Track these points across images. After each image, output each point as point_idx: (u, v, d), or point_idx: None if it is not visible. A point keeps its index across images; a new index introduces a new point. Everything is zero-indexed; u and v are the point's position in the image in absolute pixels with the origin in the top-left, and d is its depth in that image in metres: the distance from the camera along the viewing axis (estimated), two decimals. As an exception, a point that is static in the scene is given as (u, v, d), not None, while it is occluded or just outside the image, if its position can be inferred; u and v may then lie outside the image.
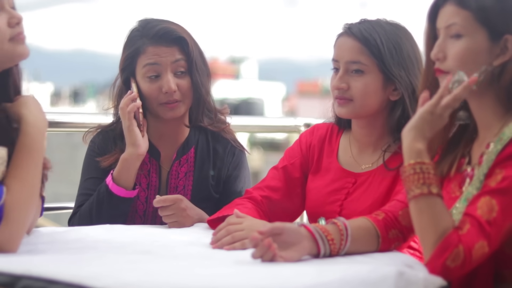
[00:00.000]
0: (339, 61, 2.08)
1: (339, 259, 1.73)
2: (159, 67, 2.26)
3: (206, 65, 2.34)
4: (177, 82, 2.26)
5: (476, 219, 1.53)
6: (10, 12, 1.76)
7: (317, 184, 2.18)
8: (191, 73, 2.27)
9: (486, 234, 1.52)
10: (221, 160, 2.38)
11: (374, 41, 2.04)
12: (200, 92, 2.28)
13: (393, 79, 2.04)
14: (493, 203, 1.53)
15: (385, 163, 2.08)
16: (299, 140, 2.28)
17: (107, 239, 1.90)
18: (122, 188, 2.24)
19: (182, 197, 2.19)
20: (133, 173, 2.26)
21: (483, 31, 1.63)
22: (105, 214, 2.24)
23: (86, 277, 1.37)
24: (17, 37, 1.76)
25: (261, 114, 24.69)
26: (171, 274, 1.46)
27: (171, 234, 2.04)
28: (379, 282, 1.43)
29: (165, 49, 2.26)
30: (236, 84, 35.66)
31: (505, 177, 1.54)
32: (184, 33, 2.28)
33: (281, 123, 3.57)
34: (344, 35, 2.09)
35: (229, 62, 42.86)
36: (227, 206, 2.16)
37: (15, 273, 1.40)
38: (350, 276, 1.45)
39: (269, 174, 2.25)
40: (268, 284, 1.42)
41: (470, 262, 1.52)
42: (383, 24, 2.08)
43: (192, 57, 2.26)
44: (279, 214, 2.16)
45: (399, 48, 2.05)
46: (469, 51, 1.63)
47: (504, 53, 1.62)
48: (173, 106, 2.27)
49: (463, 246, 1.51)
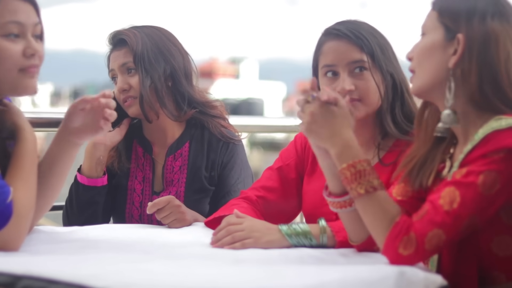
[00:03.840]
0: (338, 65, 2.05)
1: (339, 259, 1.73)
2: (114, 71, 2.40)
3: (166, 60, 2.38)
4: (128, 81, 2.37)
5: (435, 208, 1.53)
6: (29, 42, 1.73)
7: (313, 186, 2.18)
8: (137, 71, 2.36)
9: (443, 223, 1.52)
10: (215, 152, 2.42)
11: (365, 39, 2.04)
12: (142, 88, 2.34)
13: (386, 75, 2.05)
14: (456, 194, 1.53)
15: (381, 160, 2.08)
16: (294, 141, 2.27)
17: (107, 239, 1.91)
18: (85, 176, 2.36)
19: (173, 197, 2.21)
20: (93, 162, 2.36)
21: (441, 30, 1.64)
22: (75, 205, 2.37)
23: (86, 277, 1.37)
24: (28, 69, 1.74)
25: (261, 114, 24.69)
26: (171, 274, 1.46)
27: (171, 234, 2.05)
28: (380, 282, 1.43)
29: (116, 52, 2.41)
30: (236, 84, 35.69)
31: (470, 172, 1.53)
32: (129, 34, 2.37)
33: (281, 123, 3.57)
34: (333, 38, 2.06)
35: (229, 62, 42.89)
36: (223, 207, 2.16)
37: (15, 273, 1.40)
38: (350, 276, 1.45)
39: (264, 174, 2.25)
40: (268, 284, 1.42)
41: (424, 250, 1.52)
42: (363, 24, 2.09)
43: (136, 55, 2.35)
44: (274, 214, 2.15)
45: (383, 45, 2.07)
46: (426, 48, 1.66)
47: (455, 53, 1.61)
48: (129, 104, 2.38)
49: (415, 234, 1.52)
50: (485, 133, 1.55)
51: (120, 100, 2.38)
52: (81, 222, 2.26)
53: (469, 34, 1.60)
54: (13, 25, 1.71)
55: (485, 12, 1.61)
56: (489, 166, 1.52)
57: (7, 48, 1.70)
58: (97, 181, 2.37)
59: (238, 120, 2.92)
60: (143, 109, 2.36)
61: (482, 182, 1.52)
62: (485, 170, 1.52)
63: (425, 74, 1.66)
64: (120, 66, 2.38)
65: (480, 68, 1.60)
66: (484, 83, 1.60)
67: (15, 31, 1.71)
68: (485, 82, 1.60)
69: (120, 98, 2.38)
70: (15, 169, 1.71)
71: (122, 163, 2.43)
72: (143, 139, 2.47)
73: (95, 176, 2.36)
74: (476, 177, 1.53)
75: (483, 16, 1.61)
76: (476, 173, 1.53)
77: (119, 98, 2.38)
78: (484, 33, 1.60)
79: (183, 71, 2.40)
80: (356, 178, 1.60)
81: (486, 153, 1.53)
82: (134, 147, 2.47)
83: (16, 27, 1.71)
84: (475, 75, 1.60)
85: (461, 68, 1.61)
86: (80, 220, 2.31)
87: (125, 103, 2.38)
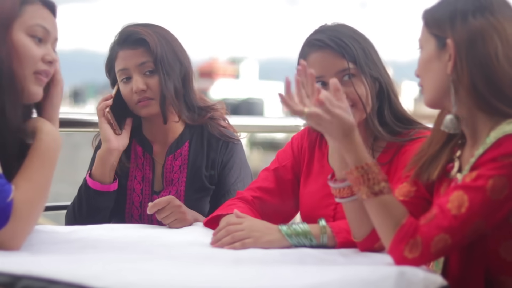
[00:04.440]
0: (326, 75, 2.02)
1: (339, 259, 1.73)
2: (128, 71, 2.35)
3: (181, 61, 2.38)
4: (146, 81, 2.34)
5: (443, 212, 1.53)
6: (49, 50, 1.81)
7: (310, 189, 2.18)
8: (157, 72, 2.33)
9: (450, 227, 1.52)
10: (215, 152, 2.42)
11: (347, 46, 2.03)
12: (164, 90, 2.32)
13: (372, 79, 2.05)
14: (465, 199, 1.52)
15: (376, 161, 2.08)
16: (290, 143, 2.27)
17: (108, 239, 1.91)
18: (97, 182, 2.34)
19: (173, 197, 2.21)
20: (108, 168, 2.35)
21: (432, 40, 1.65)
22: (85, 209, 2.35)
23: (86, 277, 1.37)
24: (39, 75, 1.80)
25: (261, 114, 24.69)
26: (171, 274, 1.45)
27: (171, 234, 2.04)
28: (380, 282, 1.43)
29: (131, 51, 2.35)
30: (236, 84, 35.69)
31: (480, 176, 1.53)
32: (148, 33, 2.34)
33: (281, 123, 3.57)
34: (317, 50, 2.04)
35: (229, 62, 42.89)
36: (221, 207, 2.16)
37: (15, 273, 1.40)
38: (350, 276, 1.45)
39: (260, 175, 2.25)
40: (268, 284, 1.42)
41: (429, 254, 1.52)
42: (343, 28, 2.08)
43: (157, 56, 2.32)
44: (270, 215, 2.15)
45: (365, 48, 2.06)
46: (423, 61, 1.67)
47: (450, 59, 1.61)
48: (145, 104, 2.35)
49: (421, 237, 1.52)
50: (497, 137, 1.55)
51: (131, 100, 2.35)
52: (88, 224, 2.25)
53: (456, 37, 1.60)
54: (40, 29, 1.79)
55: (466, 12, 1.61)
56: (499, 171, 1.51)
57: (31, 47, 1.77)
58: (110, 186, 2.36)
59: (238, 120, 2.92)
60: (164, 110, 2.34)
61: (491, 187, 1.51)
62: (494, 175, 1.51)
63: (430, 86, 1.66)
64: (137, 65, 2.34)
65: (471, 68, 1.59)
66: (477, 83, 1.59)
67: (40, 35, 1.79)
68: (478, 82, 1.58)
69: (132, 98, 2.35)
70: (22, 169, 1.72)
71: (122, 163, 2.42)
72: (143, 138, 2.46)
73: (108, 182, 2.36)
74: (485, 181, 1.52)
75: (465, 16, 1.60)
76: (486, 177, 1.52)
77: (131, 98, 2.35)
78: (469, 33, 1.59)
79: (191, 73, 2.41)
80: (364, 181, 1.61)
81: (496, 157, 1.53)
82: (133, 146, 2.46)
83: (42, 31, 1.79)
84: (467, 77, 1.59)
85: (456, 72, 1.61)
86: (88, 223, 2.30)
87: (140, 103, 2.34)
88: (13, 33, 1.75)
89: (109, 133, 2.35)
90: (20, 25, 1.77)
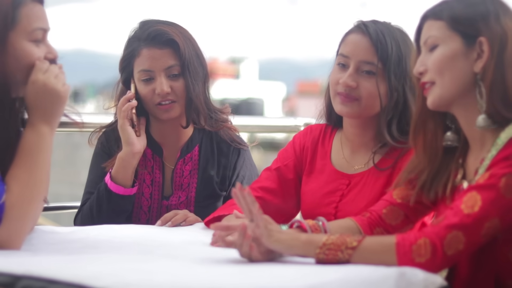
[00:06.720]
0: (350, 58, 2.04)
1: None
2: (152, 73, 2.28)
3: (203, 65, 2.35)
4: (171, 84, 2.28)
5: (455, 212, 1.53)
6: (50, 47, 1.81)
7: (312, 187, 2.18)
8: (184, 76, 2.28)
9: (462, 225, 1.51)
10: (226, 158, 2.39)
11: (387, 46, 2.02)
12: (191, 94, 2.28)
13: (392, 88, 2.03)
14: (478, 198, 1.52)
15: (376, 165, 2.08)
16: (292, 142, 2.27)
17: (108, 239, 1.91)
18: (120, 186, 2.27)
19: (187, 211, 2.23)
20: (130, 171, 2.28)
21: (457, 37, 1.63)
22: (106, 212, 2.27)
23: (87, 277, 1.37)
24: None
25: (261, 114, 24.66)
26: (171, 274, 1.46)
27: (171, 234, 2.04)
28: (380, 282, 1.43)
29: (158, 51, 2.28)
30: (236, 84, 35.64)
31: (492, 175, 1.53)
32: (177, 35, 2.28)
33: (281, 123, 3.57)
34: (359, 32, 2.06)
35: (229, 62, 42.83)
36: (222, 207, 2.17)
37: (15, 273, 1.40)
38: (351, 276, 1.45)
39: (262, 175, 2.24)
40: (268, 284, 1.42)
41: (443, 254, 1.51)
42: (395, 31, 2.07)
43: (185, 60, 2.27)
44: (272, 215, 2.13)
45: (403, 58, 2.04)
46: (445, 58, 1.64)
47: (481, 57, 1.61)
48: (168, 107, 2.29)
49: (428, 239, 1.51)
50: (508, 137, 1.55)
51: (150, 101, 2.29)
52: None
53: (490, 36, 1.60)
54: (40, 32, 1.78)
55: (497, 12, 1.62)
56: (511, 169, 1.52)
57: (34, 52, 1.76)
58: (132, 190, 2.31)
59: (238, 120, 2.91)
60: (189, 114, 2.30)
61: (504, 185, 1.51)
62: (507, 173, 1.52)
63: (449, 83, 1.64)
64: (164, 68, 2.27)
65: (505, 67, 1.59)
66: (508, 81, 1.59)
67: (40, 37, 1.79)
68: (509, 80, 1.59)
69: (152, 99, 2.28)
70: (11, 168, 1.71)
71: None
72: (152, 141, 2.39)
73: (130, 185, 2.30)
74: (498, 179, 1.52)
75: (497, 16, 1.61)
76: (498, 176, 1.52)
77: (151, 99, 2.28)
78: (502, 32, 1.60)
79: (209, 77, 2.37)
80: (336, 250, 1.57)
81: (508, 155, 1.53)
82: None
83: (41, 33, 1.79)
84: (495, 75, 1.59)
85: (489, 71, 1.59)
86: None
87: (161, 106, 2.28)
88: (14, 41, 1.73)
89: (133, 136, 2.27)
90: (20, 33, 1.74)
